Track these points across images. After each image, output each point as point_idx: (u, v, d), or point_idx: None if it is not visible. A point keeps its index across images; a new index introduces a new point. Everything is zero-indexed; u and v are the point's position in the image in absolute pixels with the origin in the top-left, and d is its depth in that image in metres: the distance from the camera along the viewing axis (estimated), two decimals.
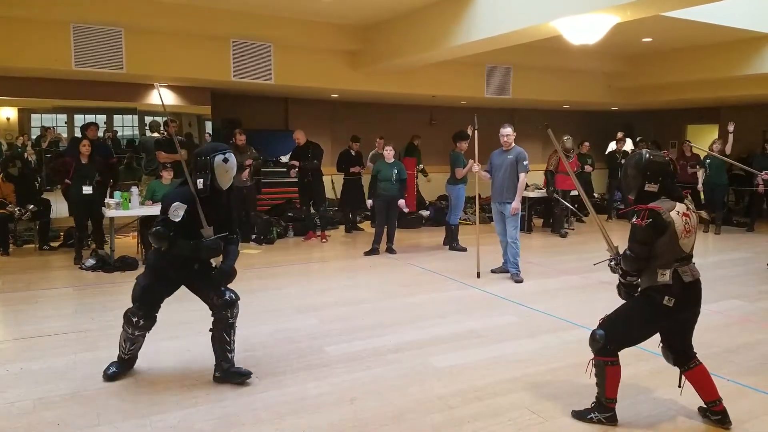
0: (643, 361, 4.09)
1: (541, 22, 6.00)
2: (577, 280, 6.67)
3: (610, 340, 3.14)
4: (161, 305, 3.91)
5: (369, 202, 8.29)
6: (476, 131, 6.91)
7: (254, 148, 8.81)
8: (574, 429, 3.18)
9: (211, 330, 3.82)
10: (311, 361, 4.10)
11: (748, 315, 5.36)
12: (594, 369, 3.20)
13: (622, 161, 11.23)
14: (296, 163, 8.88)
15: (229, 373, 3.74)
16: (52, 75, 8.16)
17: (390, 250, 8.08)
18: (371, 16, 8.14)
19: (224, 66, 8.50)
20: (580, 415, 3.25)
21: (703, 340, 4.59)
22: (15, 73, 8.02)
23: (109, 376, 3.76)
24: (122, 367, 3.83)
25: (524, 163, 6.50)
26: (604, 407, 3.18)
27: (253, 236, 8.71)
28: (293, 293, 5.99)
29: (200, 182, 3.60)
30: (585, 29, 5.99)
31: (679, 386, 3.27)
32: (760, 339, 4.70)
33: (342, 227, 10.19)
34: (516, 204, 6.50)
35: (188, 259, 3.70)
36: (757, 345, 4.54)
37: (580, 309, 5.46)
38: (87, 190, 7.13)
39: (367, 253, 7.96)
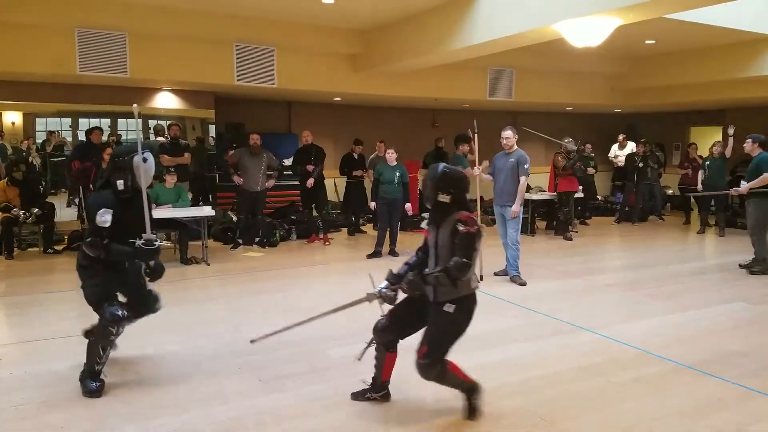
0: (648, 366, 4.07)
1: (543, 25, 6.00)
2: (580, 283, 6.66)
3: (440, 360, 3.19)
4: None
5: (372, 205, 8.29)
6: (476, 135, 6.91)
7: (272, 154, 8.83)
8: None
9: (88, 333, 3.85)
10: (314, 363, 4.10)
11: (753, 317, 5.33)
12: (444, 386, 3.27)
13: (641, 164, 11.21)
14: (310, 168, 8.90)
15: (85, 379, 3.63)
16: (57, 79, 8.20)
17: (393, 252, 8.08)
18: (373, 19, 8.16)
19: (227, 70, 8.53)
20: (358, 396, 3.50)
21: (708, 342, 4.59)
22: (20, 77, 8.06)
23: (97, 391, 3.58)
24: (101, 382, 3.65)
25: (525, 166, 6.49)
26: (473, 388, 3.29)
27: (257, 239, 8.72)
28: (296, 296, 5.99)
29: (120, 183, 3.60)
30: (588, 32, 5.98)
31: (360, 359, 3.42)
32: (765, 342, 4.67)
33: (345, 230, 10.20)
34: (516, 207, 6.50)
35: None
36: (762, 347, 4.52)
37: (584, 312, 5.45)
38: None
39: (369, 256, 7.96)
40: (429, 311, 3.21)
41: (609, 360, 4.24)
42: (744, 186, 7.31)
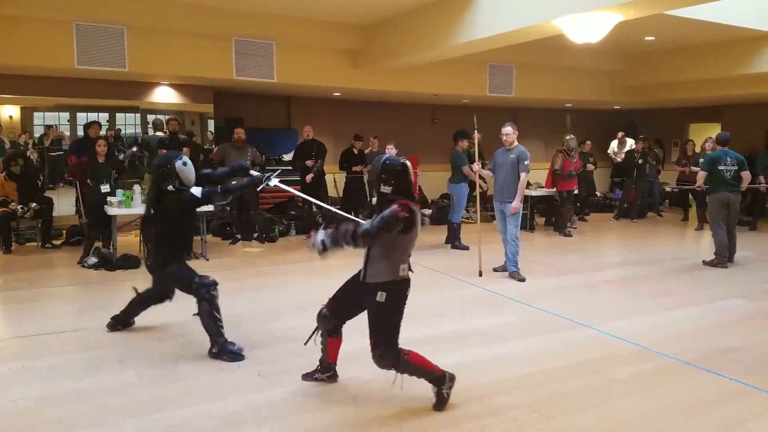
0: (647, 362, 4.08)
1: (543, 21, 5.99)
2: (579, 279, 6.67)
3: (390, 347, 3.27)
4: None
5: (374, 200, 8.27)
6: (476, 131, 6.90)
7: (256, 148, 8.78)
8: (575, 428, 3.17)
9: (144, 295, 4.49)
10: (313, 359, 4.08)
11: (751, 314, 5.35)
12: (405, 374, 3.34)
13: (640, 161, 11.21)
14: (309, 163, 8.86)
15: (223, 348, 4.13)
16: (55, 73, 8.18)
17: None
18: (373, 14, 8.13)
19: (226, 64, 8.51)
20: (307, 376, 3.69)
21: (706, 339, 4.60)
22: (18, 71, 8.03)
23: (240, 354, 4.11)
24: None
25: (525, 162, 6.47)
26: (440, 379, 3.34)
27: (255, 235, 8.71)
28: (295, 292, 5.99)
29: (170, 187, 4.21)
30: (588, 28, 5.97)
31: (306, 344, 3.64)
32: (763, 338, 4.69)
33: None
34: (516, 203, 6.50)
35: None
36: (760, 344, 4.53)
37: (583, 308, 5.46)
38: (105, 188, 7.16)
39: None
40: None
41: (607, 356, 4.25)
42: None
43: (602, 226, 10.67)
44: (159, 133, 9.53)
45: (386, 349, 3.26)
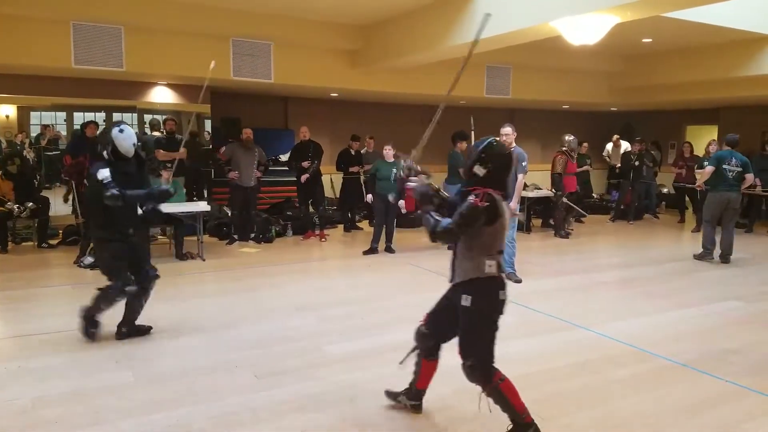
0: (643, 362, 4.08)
1: (540, 23, 5.99)
2: (575, 281, 6.68)
3: (481, 360, 2.96)
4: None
5: (369, 197, 8.29)
6: (473, 132, 6.91)
7: (261, 148, 8.78)
8: (573, 428, 3.18)
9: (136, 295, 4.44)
10: (310, 360, 4.10)
11: (747, 316, 5.36)
12: (490, 399, 2.97)
13: (636, 163, 11.24)
14: (306, 164, 8.85)
15: (134, 327, 4.49)
16: (52, 73, 8.15)
17: (389, 249, 8.08)
18: (371, 15, 8.14)
19: (224, 64, 8.48)
20: (390, 395, 3.34)
21: (703, 340, 4.61)
22: (14, 70, 8.01)
23: (91, 337, 4.34)
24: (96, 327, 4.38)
25: (523, 164, 6.43)
26: (523, 425, 2.95)
27: (252, 235, 8.70)
28: (292, 292, 5.98)
29: (105, 153, 4.24)
30: (585, 29, 5.98)
31: (402, 362, 3.27)
32: (760, 340, 4.70)
33: (341, 226, 10.19)
34: (513, 204, 6.49)
35: (128, 228, 4.36)
36: (757, 346, 4.54)
37: (580, 309, 5.47)
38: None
39: (365, 253, 7.96)
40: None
41: (604, 357, 4.26)
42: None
43: (599, 228, 10.69)
44: (156, 133, 9.50)
45: (477, 362, 2.93)
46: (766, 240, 8.26)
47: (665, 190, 13.34)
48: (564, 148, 9.62)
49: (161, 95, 9.43)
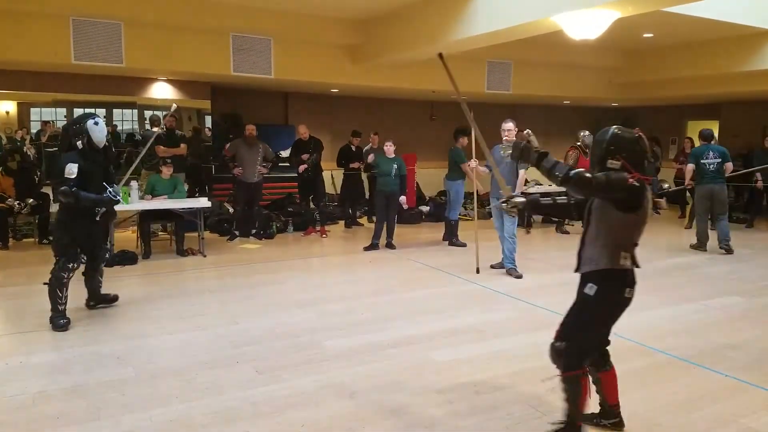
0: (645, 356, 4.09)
1: (541, 17, 5.98)
2: (575, 276, 6.65)
3: (574, 347, 2.85)
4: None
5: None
6: (473, 125, 6.89)
7: (267, 145, 8.77)
8: None
9: (85, 274, 4.91)
10: (311, 355, 4.11)
11: (747, 311, 5.36)
12: (563, 385, 2.85)
13: None
14: (305, 156, 8.85)
15: (100, 297, 5.02)
16: (52, 69, 8.15)
17: (389, 245, 8.09)
18: (371, 9, 8.12)
19: (224, 60, 8.49)
20: (587, 419, 3.00)
21: (701, 335, 4.62)
22: (14, 66, 8.00)
23: (64, 326, 4.54)
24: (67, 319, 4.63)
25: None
26: (574, 427, 2.86)
27: (253, 231, 8.71)
28: (293, 288, 5.99)
29: (79, 144, 4.54)
30: (586, 24, 5.97)
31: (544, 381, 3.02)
32: (759, 335, 4.70)
33: (342, 222, 10.19)
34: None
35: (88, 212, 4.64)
36: (756, 341, 4.55)
37: None
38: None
39: (366, 249, 7.96)
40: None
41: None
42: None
43: None
44: (156, 129, 9.49)
45: (570, 348, 2.82)
46: (767, 235, 8.26)
47: (666, 186, 13.31)
48: (578, 144, 9.55)
49: (161, 91, 9.43)
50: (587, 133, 9.57)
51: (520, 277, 6.46)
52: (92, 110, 9.12)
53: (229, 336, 4.48)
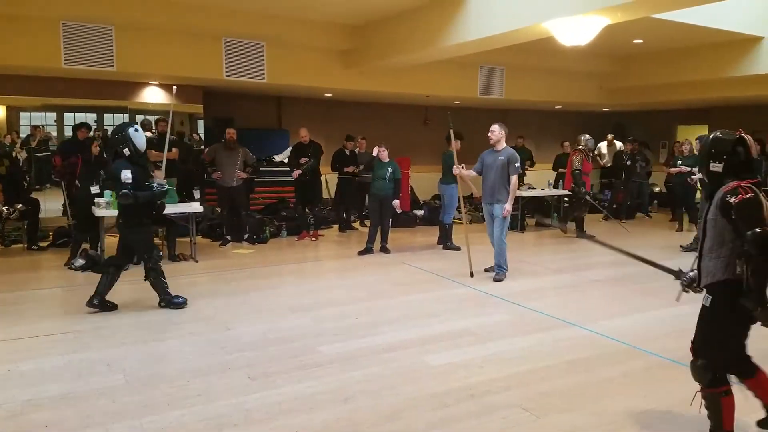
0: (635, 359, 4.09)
1: (533, 23, 6.02)
2: (569, 279, 6.69)
3: (712, 362, 2.84)
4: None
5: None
6: (452, 130, 6.94)
7: (247, 148, 8.72)
8: (566, 427, 3.18)
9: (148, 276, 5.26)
10: (305, 360, 4.08)
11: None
12: (704, 402, 2.92)
13: (628, 162, 11.29)
14: (303, 160, 8.80)
15: (170, 302, 5.26)
16: (42, 73, 8.09)
17: (384, 249, 8.07)
18: (365, 15, 8.13)
19: (216, 64, 8.47)
20: None
21: (692, 337, 4.62)
22: (3, 70, 7.94)
23: (183, 303, 5.27)
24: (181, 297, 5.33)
25: (516, 165, 6.44)
26: None
27: (246, 236, 8.66)
28: (287, 293, 5.96)
29: (126, 151, 5.01)
30: (576, 31, 6.02)
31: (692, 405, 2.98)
32: (751, 335, 4.70)
33: (336, 227, 10.17)
34: (509, 206, 6.46)
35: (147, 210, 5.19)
36: (748, 342, 4.55)
37: (572, 307, 5.48)
38: (94, 190, 7.09)
39: (361, 253, 7.94)
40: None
41: (597, 355, 4.27)
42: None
43: (591, 227, 10.70)
44: (148, 134, 9.43)
45: (709, 362, 2.81)
46: None
47: (657, 189, 13.41)
48: (581, 147, 9.57)
49: (153, 95, 9.38)
50: (588, 136, 9.60)
51: (500, 280, 6.47)
52: (82, 115, 9.13)
53: (221, 342, 4.44)
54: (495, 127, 6.53)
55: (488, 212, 6.73)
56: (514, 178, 6.45)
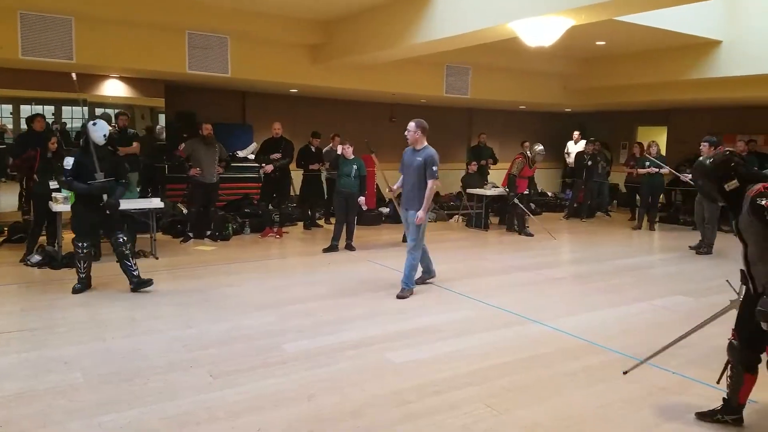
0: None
1: (498, 23, 6.09)
2: (529, 276, 6.80)
3: (746, 347, 3.03)
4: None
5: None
6: (374, 154, 7.09)
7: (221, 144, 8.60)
8: (528, 422, 3.24)
9: (117, 261, 5.63)
10: (268, 358, 4.06)
11: (692, 310, 5.55)
12: (728, 372, 3.13)
13: (589, 162, 11.52)
14: (276, 156, 8.68)
15: (139, 284, 5.61)
16: None
17: (349, 246, 8.06)
18: (332, 10, 8.10)
19: (179, 58, 8.32)
20: (705, 416, 3.25)
21: (650, 334, 4.76)
22: None
23: (76, 290, 5.48)
24: (84, 285, 5.57)
25: (433, 168, 5.59)
26: (730, 409, 3.16)
27: (208, 232, 8.53)
28: (250, 290, 5.91)
29: (81, 141, 5.47)
30: (541, 31, 6.10)
31: (718, 382, 3.24)
32: (706, 333, 4.83)
33: (301, 224, 10.12)
34: (422, 214, 5.65)
35: (91, 200, 5.46)
36: (703, 339, 4.68)
37: (533, 304, 5.58)
38: (53, 184, 6.89)
39: (326, 250, 7.92)
40: None
41: (558, 351, 4.36)
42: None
43: (553, 225, 10.92)
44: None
45: (741, 345, 3.02)
46: (720, 237, 8.62)
47: (623, 190, 13.73)
48: (528, 153, 9.74)
49: (113, 88, 9.17)
50: (541, 147, 9.70)
51: (403, 297, 5.68)
52: (39, 107, 8.87)
53: (183, 340, 4.38)
54: (411, 125, 5.77)
55: (404, 217, 6.03)
56: (430, 183, 5.62)
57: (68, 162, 5.41)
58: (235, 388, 3.56)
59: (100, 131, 5.47)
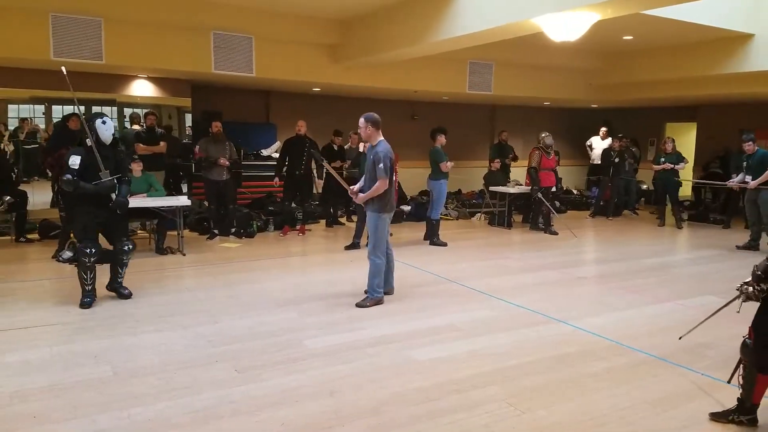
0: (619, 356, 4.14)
1: (522, 19, 6.03)
2: (554, 275, 6.74)
3: (759, 348, 3.04)
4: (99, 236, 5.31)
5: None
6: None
7: (234, 143, 8.67)
8: (550, 422, 3.22)
9: (110, 263, 5.41)
10: (290, 354, 4.10)
11: (725, 310, 5.44)
12: (742, 372, 3.16)
13: (617, 159, 11.35)
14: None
15: (116, 289, 5.41)
16: (30, 65, 8.03)
17: None
18: (353, 9, 8.12)
19: (205, 58, 8.43)
20: (719, 417, 3.25)
21: (677, 334, 4.69)
22: None
23: (85, 304, 5.06)
24: (92, 298, 5.17)
25: (380, 166, 5.22)
26: (744, 408, 3.17)
27: (233, 230, 8.65)
28: (273, 287, 5.97)
29: (89, 141, 5.06)
30: (566, 26, 6.03)
31: (729, 381, 3.30)
32: (733, 334, 4.76)
33: (323, 221, 10.18)
34: (361, 196, 5.41)
35: (99, 201, 5.14)
36: (730, 340, 4.60)
37: (557, 303, 5.53)
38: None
39: (347, 248, 7.96)
40: None
41: (581, 351, 4.32)
42: (753, 182, 8.26)
43: (578, 224, 10.80)
44: (136, 127, 9.40)
45: (755, 345, 3.05)
46: (743, 236, 8.43)
47: (644, 187, 13.51)
48: (539, 144, 9.70)
49: (141, 88, 9.33)
50: (547, 134, 9.72)
51: (363, 306, 5.26)
52: (70, 107, 9.05)
53: (207, 335, 4.45)
54: (360, 121, 5.52)
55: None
56: (378, 182, 5.24)
57: (75, 161, 4.98)
58: (258, 384, 3.61)
59: (109, 130, 5.20)
